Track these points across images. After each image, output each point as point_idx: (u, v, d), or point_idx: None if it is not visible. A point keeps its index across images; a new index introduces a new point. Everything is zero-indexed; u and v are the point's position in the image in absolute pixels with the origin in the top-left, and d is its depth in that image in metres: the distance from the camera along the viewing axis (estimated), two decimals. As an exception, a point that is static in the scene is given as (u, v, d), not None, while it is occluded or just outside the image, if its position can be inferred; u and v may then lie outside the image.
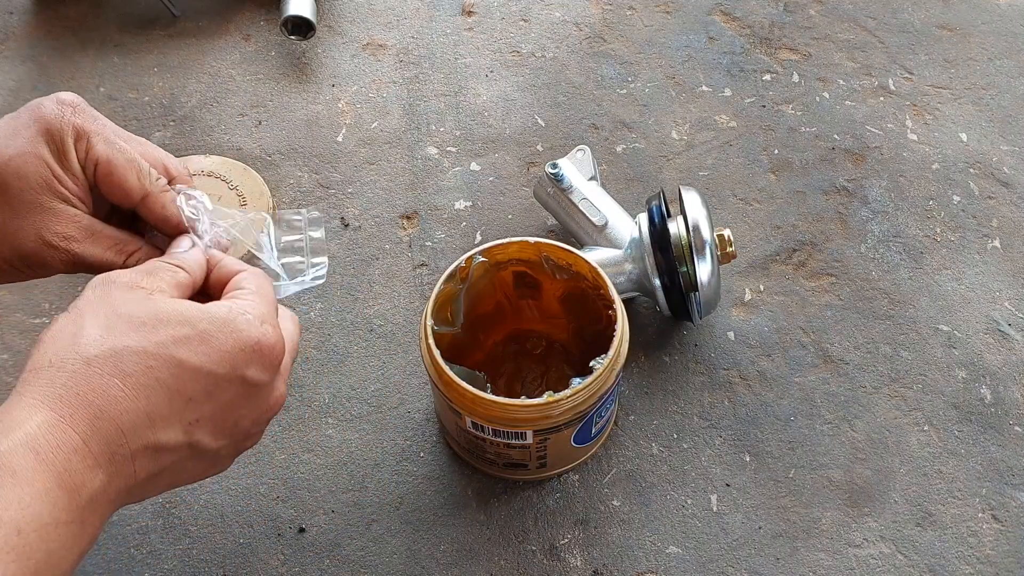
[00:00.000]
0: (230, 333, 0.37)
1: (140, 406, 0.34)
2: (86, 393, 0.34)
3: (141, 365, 0.35)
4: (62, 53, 0.83)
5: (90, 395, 0.34)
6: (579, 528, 0.56)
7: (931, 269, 0.68)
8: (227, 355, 0.37)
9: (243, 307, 0.38)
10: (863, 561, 0.55)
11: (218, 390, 0.37)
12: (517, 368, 0.62)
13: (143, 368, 0.35)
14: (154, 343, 0.35)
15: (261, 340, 0.38)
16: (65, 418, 0.33)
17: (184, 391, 0.36)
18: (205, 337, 0.36)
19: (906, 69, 0.82)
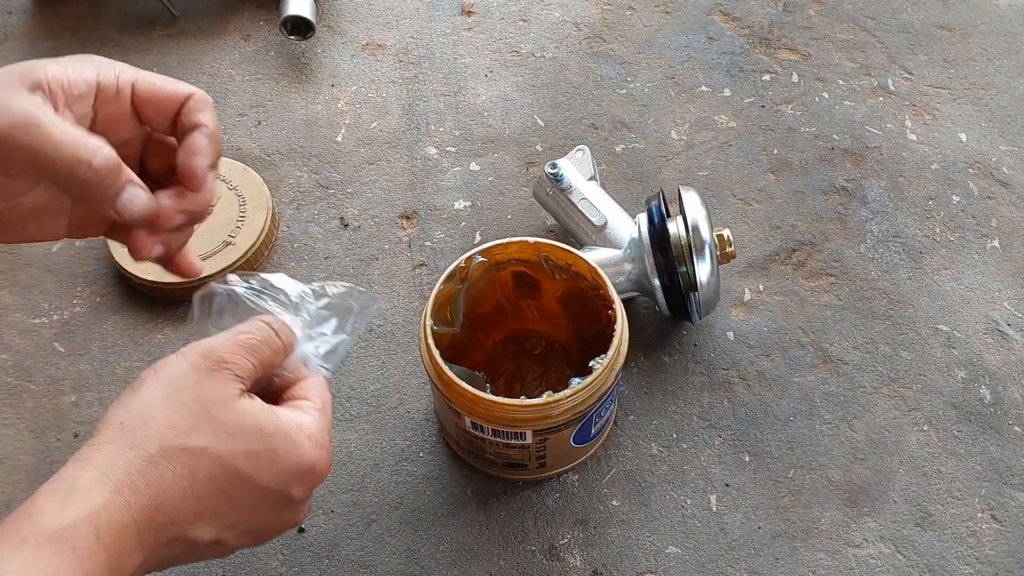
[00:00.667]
0: (292, 453, 0.38)
1: (194, 506, 0.36)
2: (155, 485, 0.34)
3: (212, 471, 0.36)
4: (61, 53, 0.83)
5: (158, 487, 0.34)
6: (578, 528, 0.56)
7: (930, 269, 0.68)
8: (283, 475, 0.38)
9: (309, 428, 0.39)
10: (862, 561, 0.55)
11: (262, 502, 0.38)
12: (517, 368, 0.62)
13: (211, 474, 0.36)
14: (229, 452, 0.36)
15: (316, 465, 0.39)
16: (130, 505, 0.34)
17: (234, 500, 0.37)
18: (272, 456, 0.37)
19: (905, 69, 0.82)
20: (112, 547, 0.33)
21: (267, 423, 0.38)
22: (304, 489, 0.40)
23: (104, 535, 0.33)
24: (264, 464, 0.37)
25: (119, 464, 0.34)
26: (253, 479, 0.37)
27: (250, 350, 0.39)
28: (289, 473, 0.38)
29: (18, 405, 0.62)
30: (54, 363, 0.64)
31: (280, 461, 0.38)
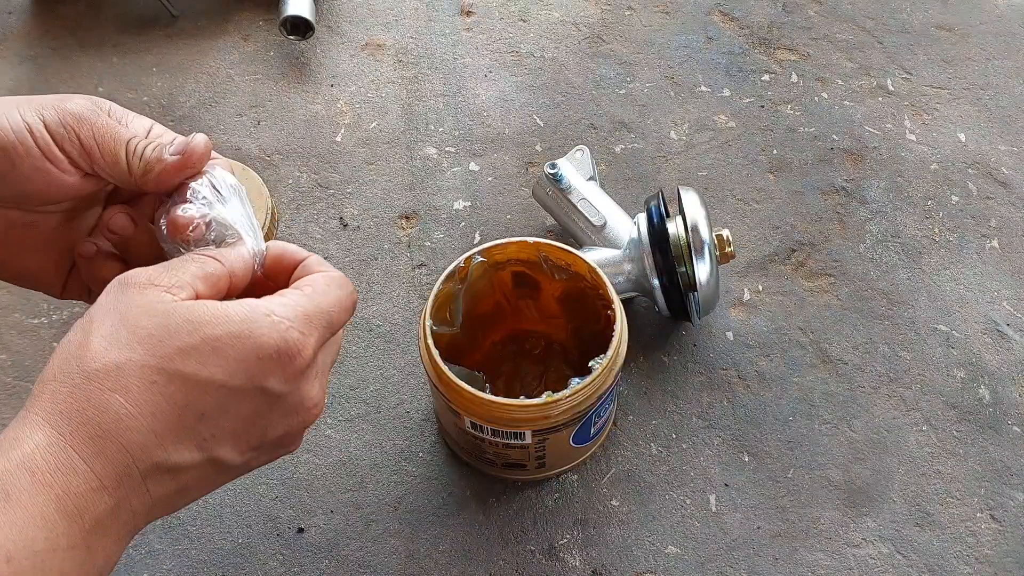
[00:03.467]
0: (246, 340, 0.33)
1: (145, 424, 0.32)
2: (86, 410, 0.31)
3: (145, 380, 0.32)
4: (61, 53, 0.83)
5: (90, 412, 0.31)
6: (578, 528, 0.56)
7: (930, 269, 0.68)
8: (241, 365, 0.33)
9: (270, 307, 0.35)
10: (862, 561, 0.55)
11: (234, 403, 0.34)
12: (516, 368, 0.62)
13: (147, 384, 0.32)
14: (159, 356, 0.32)
15: (281, 347, 0.34)
16: (65, 436, 0.31)
17: (194, 406, 0.33)
18: (216, 347, 0.33)
19: (904, 69, 0.82)
20: (56, 486, 0.30)
21: (201, 314, 0.33)
22: (283, 379, 0.35)
23: (42, 475, 0.30)
24: (209, 357, 0.33)
25: (49, 402, 0.32)
26: (201, 378, 0.33)
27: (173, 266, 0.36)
28: (247, 362, 0.33)
29: (17, 405, 0.62)
30: (53, 363, 0.64)
31: (229, 349, 0.33)
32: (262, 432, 0.36)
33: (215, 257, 0.37)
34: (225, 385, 0.33)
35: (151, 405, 0.32)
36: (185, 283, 0.35)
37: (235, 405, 0.34)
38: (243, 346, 0.33)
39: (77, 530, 0.31)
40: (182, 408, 0.33)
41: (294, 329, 0.35)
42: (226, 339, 0.33)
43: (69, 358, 0.32)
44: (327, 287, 0.38)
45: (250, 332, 0.33)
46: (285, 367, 0.34)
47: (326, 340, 0.37)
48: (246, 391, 0.34)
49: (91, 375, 0.32)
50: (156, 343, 0.32)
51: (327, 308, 0.37)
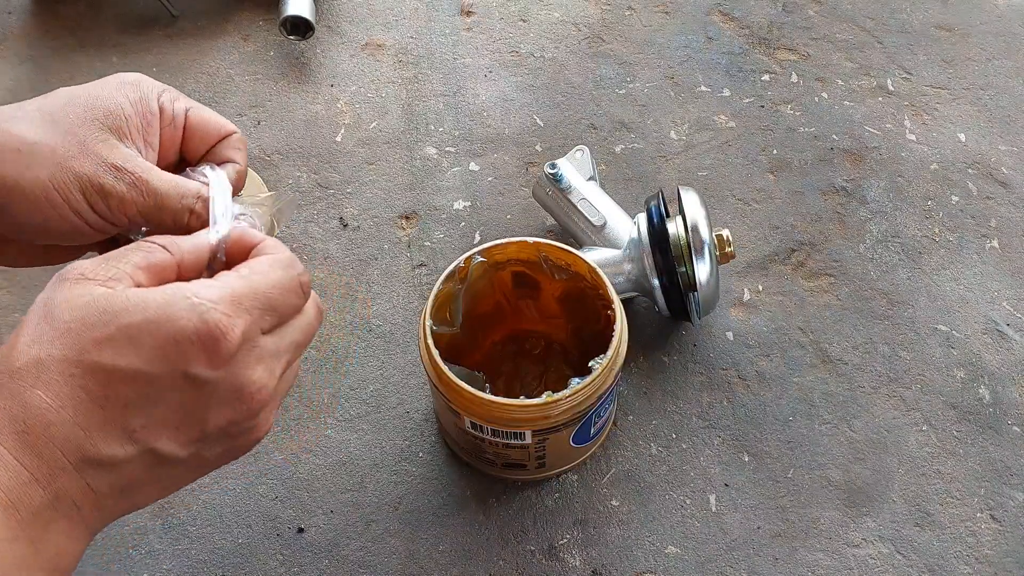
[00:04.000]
0: (163, 324, 0.32)
1: (68, 417, 0.31)
2: (11, 407, 0.31)
3: (64, 374, 0.32)
4: (61, 53, 0.83)
5: (14, 409, 0.31)
6: (578, 528, 0.56)
7: (929, 269, 0.68)
8: (159, 352, 0.32)
9: (194, 289, 0.33)
10: (862, 561, 0.55)
11: (158, 392, 0.33)
12: (516, 368, 0.62)
13: (66, 377, 0.32)
14: (76, 350, 0.32)
15: (201, 330, 0.32)
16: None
17: (116, 397, 0.32)
18: (132, 334, 0.32)
19: (904, 69, 0.82)
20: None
21: (115, 303, 0.32)
22: (208, 364, 0.33)
23: None
24: (123, 347, 0.32)
25: None
26: (117, 368, 0.32)
27: (113, 256, 0.35)
28: (164, 347, 0.32)
29: (17, 405, 0.62)
30: (53, 363, 0.64)
31: (144, 337, 0.32)
32: (200, 421, 0.34)
33: (164, 245, 0.36)
34: (144, 373, 0.32)
35: (72, 399, 0.32)
36: (124, 274, 0.34)
37: (160, 394, 0.33)
38: (160, 331, 0.32)
39: (14, 522, 0.31)
40: (103, 399, 0.32)
41: (216, 311, 0.33)
42: (142, 325, 0.32)
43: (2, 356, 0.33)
44: (268, 268, 0.36)
45: (168, 316, 0.32)
46: (209, 351, 0.33)
47: (270, 323, 0.36)
48: (168, 378, 0.33)
49: (15, 373, 0.32)
50: (74, 336, 0.32)
51: (263, 289, 0.35)
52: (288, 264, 0.37)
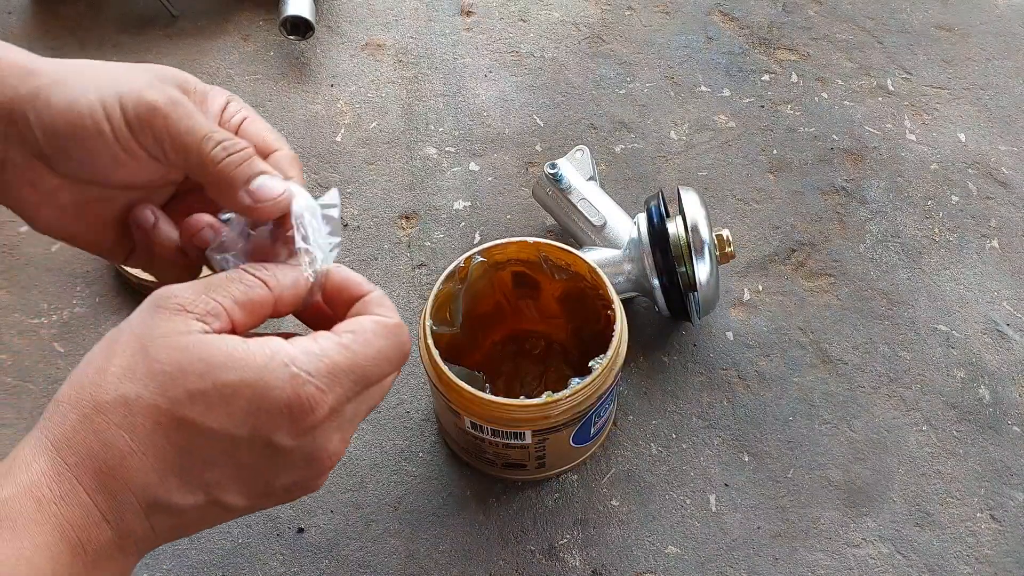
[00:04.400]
0: (257, 389, 0.32)
1: (149, 464, 0.31)
2: (92, 443, 0.31)
3: (151, 421, 0.31)
4: (61, 53, 0.83)
5: (96, 446, 0.31)
6: (578, 528, 0.56)
7: (929, 269, 0.68)
8: (248, 416, 0.32)
9: (293, 355, 0.33)
10: (862, 561, 0.55)
11: (238, 452, 0.33)
12: (516, 368, 0.62)
13: (152, 424, 0.31)
14: (168, 398, 0.31)
15: (293, 403, 0.32)
16: (71, 467, 0.31)
17: (198, 453, 0.32)
18: (224, 394, 0.32)
19: (904, 69, 0.82)
20: (61, 516, 0.30)
21: (216, 356, 0.32)
22: (291, 435, 0.33)
23: (47, 504, 0.30)
24: (216, 406, 0.31)
25: (58, 427, 0.31)
26: (205, 426, 0.31)
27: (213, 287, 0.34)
28: (254, 414, 0.32)
29: (17, 405, 0.62)
30: (53, 363, 0.64)
31: (237, 400, 0.31)
32: (269, 480, 0.34)
33: (263, 280, 0.35)
34: (229, 435, 0.32)
35: (155, 447, 0.31)
36: (221, 312, 0.33)
37: (239, 454, 0.33)
38: (253, 396, 0.32)
39: (80, 563, 0.31)
40: (186, 452, 0.32)
41: (311, 384, 0.33)
42: (238, 386, 0.32)
43: (85, 383, 0.32)
44: (372, 338, 0.35)
45: (263, 382, 0.32)
46: (295, 423, 0.33)
47: (357, 394, 0.35)
48: (250, 442, 0.33)
49: (101, 407, 0.31)
50: (168, 382, 0.31)
51: (362, 363, 0.34)
52: (395, 332, 0.36)
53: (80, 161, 0.36)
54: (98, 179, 0.37)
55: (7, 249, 0.70)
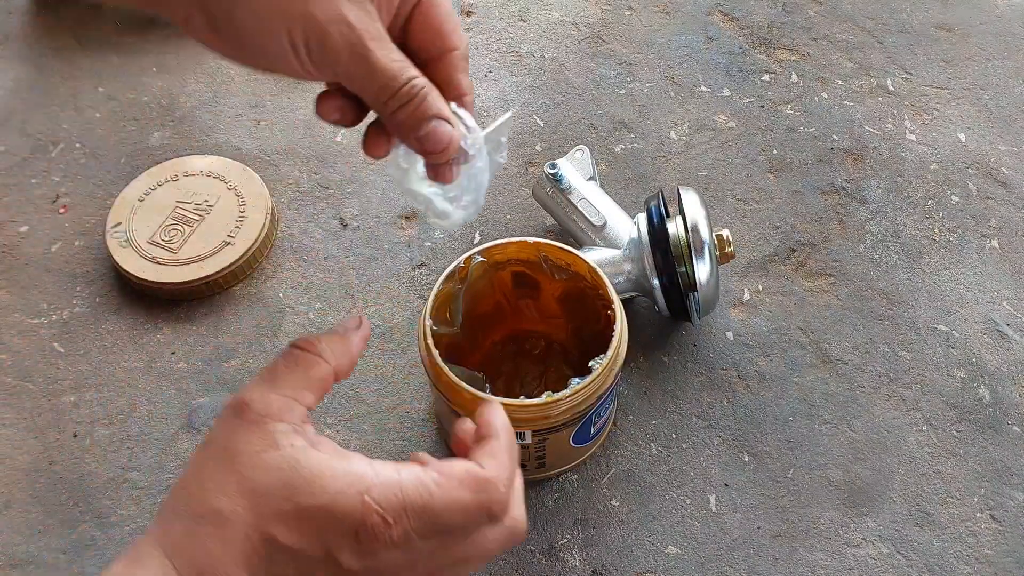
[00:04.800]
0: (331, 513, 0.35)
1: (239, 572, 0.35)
2: (193, 550, 0.35)
3: (240, 534, 0.35)
4: (61, 53, 0.83)
5: (196, 552, 0.35)
6: (578, 528, 0.56)
7: (929, 269, 0.68)
8: (321, 536, 0.35)
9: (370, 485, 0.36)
10: (862, 561, 0.55)
11: (309, 566, 0.36)
12: (516, 368, 0.62)
13: (242, 537, 0.35)
14: (256, 515, 0.35)
15: (360, 530, 0.35)
16: (178, 568, 0.35)
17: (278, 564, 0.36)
18: (302, 516, 0.35)
19: (904, 69, 0.82)
20: None
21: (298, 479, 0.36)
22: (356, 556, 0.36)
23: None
24: (294, 525, 0.35)
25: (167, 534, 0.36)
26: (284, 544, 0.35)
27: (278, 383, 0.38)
28: (327, 532, 0.35)
29: (17, 405, 0.62)
30: (53, 363, 0.64)
31: (313, 520, 0.35)
32: None
33: (319, 354, 0.39)
34: (306, 554, 0.35)
35: (244, 556, 0.35)
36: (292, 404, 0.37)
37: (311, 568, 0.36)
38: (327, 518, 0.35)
39: None
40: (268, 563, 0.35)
41: (377, 515, 0.35)
42: (315, 511, 0.35)
43: (185, 496, 0.36)
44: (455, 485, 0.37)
45: (339, 508, 0.35)
46: (360, 545, 0.35)
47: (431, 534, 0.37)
48: (320, 558, 0.36)
49: (199, 519, 0.35)
50: (257, 501, 0.35)
51: (436, 507, 0.36)
52: (482, 487, 0.37)
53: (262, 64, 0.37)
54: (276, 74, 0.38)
55: (7, 249, 0.70)
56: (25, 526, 0.57)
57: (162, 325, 0.66)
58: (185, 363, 0.64)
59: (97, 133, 0.77)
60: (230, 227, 0.68)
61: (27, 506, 0.58)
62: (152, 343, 0.65)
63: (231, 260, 0.66)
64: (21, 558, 0.56)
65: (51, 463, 0.59)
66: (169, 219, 0.69)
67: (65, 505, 0.58)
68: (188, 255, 0.66)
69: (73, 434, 0.61)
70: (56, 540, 0.56)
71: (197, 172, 0.72)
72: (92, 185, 0.74)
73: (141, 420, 0.61)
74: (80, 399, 0.62)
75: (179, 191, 0.71)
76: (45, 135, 0.78)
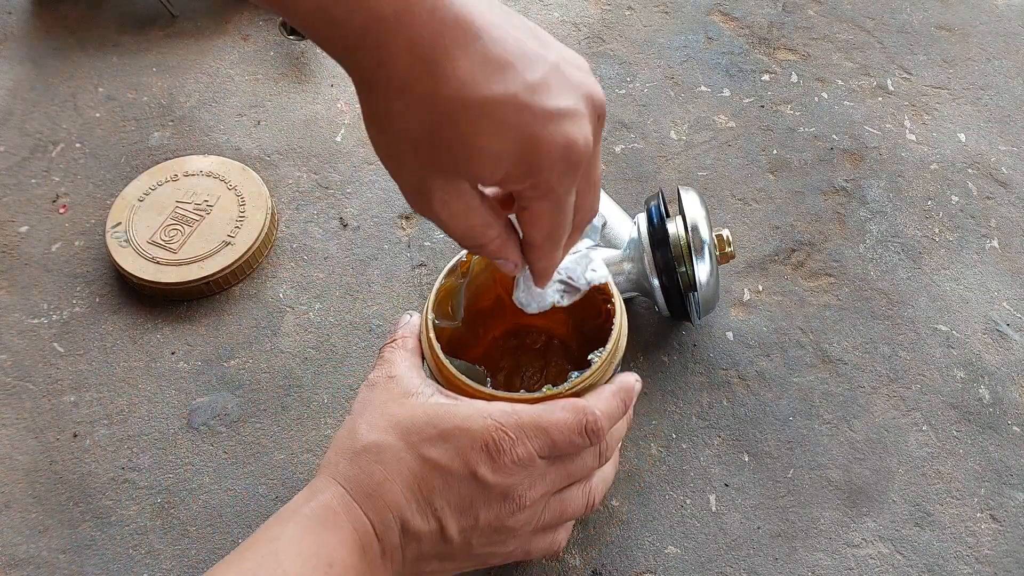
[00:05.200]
0: (464, 432, 0.42)
1: (397, 488, 0.42)
2: (359, 476, 0.42)
3: (395, 457, 0.42)
4: (61, 53, 0.83)
5: (362, 477, 0.42)
6: (578, 528, 0.56)
7: (929, 269, 0.68)
8: (459, 452, 0.42)
9: (490, 411, 0.43)
10: (862, 561, 0.55)
11: (454, 482, 0.42)
12: (517, 362, 0.62)
13: (397, 459, 0.42)
14: (406, 443, 0.43)
15: (488, 442, 0.42)
16: (349, 492, 0.42)
17: (428, 481, 0.42)
18: (444, 436, 0.42)
19: (904, 69, 0.82)
20: (353, 522, 0.41)
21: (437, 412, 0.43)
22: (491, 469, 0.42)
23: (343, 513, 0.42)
24: (440, 444, 0.42)
25: (334, 469, 0.43)
26: (434, 461, 0.42)
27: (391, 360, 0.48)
28: (464, 449, 0.42)
29: (17, 405, 0.62)
30: (53, 363, 0.64)
31: (452, 439, 0.42)
32: (475, 513, 0.43)
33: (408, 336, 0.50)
34: (448, 468, 0.42)
35: (400, 475, 0.42)
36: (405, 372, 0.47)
37: (454, 484, 0.42)
38: (461, 436, 0.42)
39: (366, 560, 0.41)
40: (420, 480, 0.42)
41: (500, 430, 0.43)
42: (452, 431, 0.43)
43: (345, 438, 0.44)
44: (557, 409, 0.44)
45: (468, 427, 0.43)
46: (493, 459, 0.42)
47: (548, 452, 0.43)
48: (462, 474, 0.42)
49: (359, 451, 0.43)
50: (405, 431, 0.43)
51: (544, 424, 0.43)
52: (580, 409, 0.44)
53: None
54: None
55: (7, 249, 0.70)
56: (25, 526, 0.57)
57: (162, 325, 0.66)
58: (185, 363, 0.64)
59: (97, 133, 0.78)
60: (230, 227, 0.68)
61: (27, 506, 0.58)
62: (152, 343, 0.65)
63: (231, 260, 0.66)
64: (21, 558, 0.56)
65: (51, 463, 0.59)
66: (169, 219, 0.69)
67: (65, 505, 0.58)
68: (188, 255, 0.66)
69: (73, 434, 0.61)
70: (56, 540, 0.56)
71: (197, 172, 0.72)
72: (92, 185, 0.74)
73: (141, 420, 0.61)
74: (80, 399, 0.62)
75: (179, 191, 0.71)
76: (45, 135, 0.78)
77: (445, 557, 0.44)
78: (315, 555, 0.40)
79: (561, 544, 0.49)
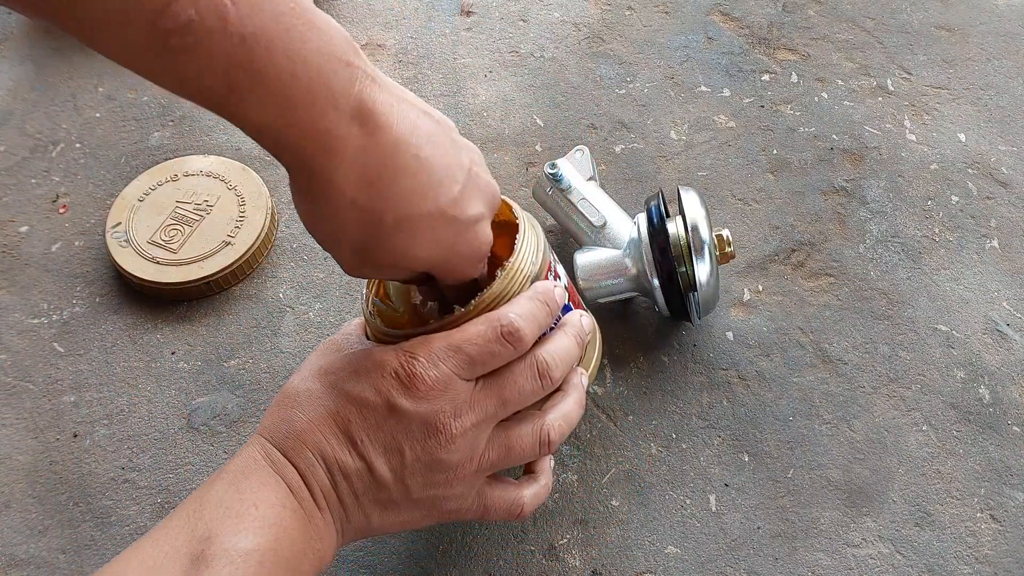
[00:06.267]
0: (375, 363, 0.43)
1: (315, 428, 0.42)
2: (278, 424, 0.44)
3: (313, 399, 0.43)
4: (61, 53, 0.83)
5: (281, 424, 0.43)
6: (578, 528, 0.56)
7: (929, 269, 0.68)
8: (371, 382, 0.42)
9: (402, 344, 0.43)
10: (862, 561, 0.55)
11: (370, 414, 0.42)
12: None
13: (314, 400, 0.43)
14: (323, 384, 0.44)
15: (398, 370, 0.42)
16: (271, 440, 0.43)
17: (344, 416, 0.42)
18: (357, 369, 0.43)
19: (904, 69, 0.82)
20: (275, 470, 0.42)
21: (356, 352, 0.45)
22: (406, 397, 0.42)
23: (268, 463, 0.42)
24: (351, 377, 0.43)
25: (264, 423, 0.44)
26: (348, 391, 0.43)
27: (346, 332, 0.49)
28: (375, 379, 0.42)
29: (17, 405, 0.62)
30: (53, 363, 0.64)
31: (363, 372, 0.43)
32: (399, 445, 0.42)
33: None
34: (362, 397, 0.42)
35: (318, 414, 0.43)
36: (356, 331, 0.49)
37: (370, 415, 0.42)
38: (374, 369, 0.43)
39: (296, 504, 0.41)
40: (336, 416, 0.43)
41: (409, 356, 0.42)
42: (366, 366, 0.43)
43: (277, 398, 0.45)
44: (468, 324, 0.44)
45: (381, 359, 0.43)
46: (406, 385, 0.42)
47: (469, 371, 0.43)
48: (377, 403, 0.42)
49: (283, 400, 0.45)
50: (327, 376, 0.44)
51: (455, 341, 0.43)
52: (489, 319, 0.43)
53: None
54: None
55: (7, 249, 0.70)
56: (25, 526, 0.57)
57: (162, 325, 0.66)
58: (185, 363, 0.64)
59: (97, 133, 0.78)
60: (230, 227, 0.68)
61: (27, 506, 0.58)
62: (152, 343, 0.65)
63: (231, 260, 0.66)
64: (21, 558, 0.56)
65: (51, 463, 0.59)
66: (169, 219, 0.69)
67: (65, 505, 0.58)
68: (188, 255, 0.66)
69: (73, 434, 0.61)
70: (56, 540, 0.56)
71: (197, 172, 0.72)
72: (92, 185, 0.74)
73: (141, 420, 0.61)
74: (80, 399, 0.62)
75: (179, 191, 0.71)
76: (45, 135, 0.78)
77: (387, 505, 0.43)
78: (239, 501, 0.40)
79: (524, 505, 0.46)
